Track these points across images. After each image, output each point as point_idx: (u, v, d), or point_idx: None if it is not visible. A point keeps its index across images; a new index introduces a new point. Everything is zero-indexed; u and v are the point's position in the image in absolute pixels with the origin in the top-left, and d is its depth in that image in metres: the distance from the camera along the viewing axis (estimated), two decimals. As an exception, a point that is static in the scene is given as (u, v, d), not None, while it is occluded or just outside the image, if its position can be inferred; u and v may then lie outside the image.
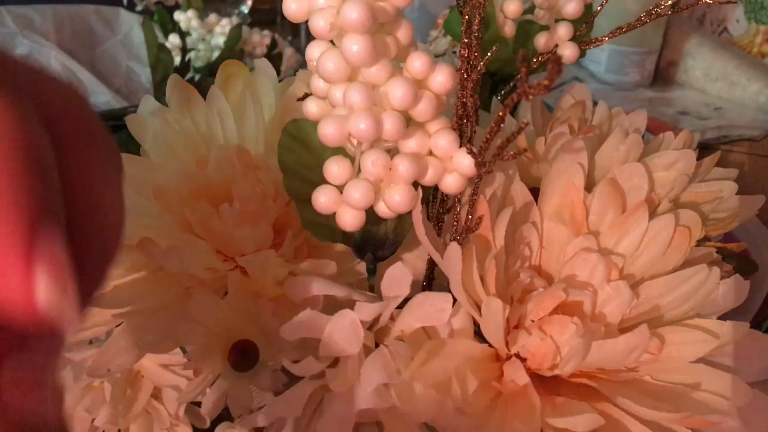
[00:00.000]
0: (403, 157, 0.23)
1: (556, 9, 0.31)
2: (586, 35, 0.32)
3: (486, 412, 0.23)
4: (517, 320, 0.25)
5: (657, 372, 0.25)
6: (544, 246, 0.26)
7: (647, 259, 0.26)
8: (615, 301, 0.25)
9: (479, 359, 0.24)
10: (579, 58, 0.31)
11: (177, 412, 0.31)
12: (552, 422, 0.23)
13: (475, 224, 0.25)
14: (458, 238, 0.25)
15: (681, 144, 0.31)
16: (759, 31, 0.76)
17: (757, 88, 0.71)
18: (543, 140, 0.31)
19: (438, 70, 0.22)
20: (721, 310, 0.26)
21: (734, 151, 0.64)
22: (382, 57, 0.21)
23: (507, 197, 0.27)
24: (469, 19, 0.23)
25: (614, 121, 0.33)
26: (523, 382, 0.23)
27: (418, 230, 0.24)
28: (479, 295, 0.24)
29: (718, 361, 0.25)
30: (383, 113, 0.22)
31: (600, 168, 0.29)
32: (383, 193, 0.23)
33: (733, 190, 0.31)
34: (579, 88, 0.35)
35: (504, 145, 0.21)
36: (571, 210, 0.26)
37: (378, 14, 0.21)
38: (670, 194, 0.28)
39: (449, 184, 0.24)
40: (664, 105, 0.73)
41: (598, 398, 0.24)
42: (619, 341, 0.23)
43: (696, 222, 0.26)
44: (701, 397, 0.24)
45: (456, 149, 0.23)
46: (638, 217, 0.26)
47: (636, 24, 0.29)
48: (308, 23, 0.21)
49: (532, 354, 0.24)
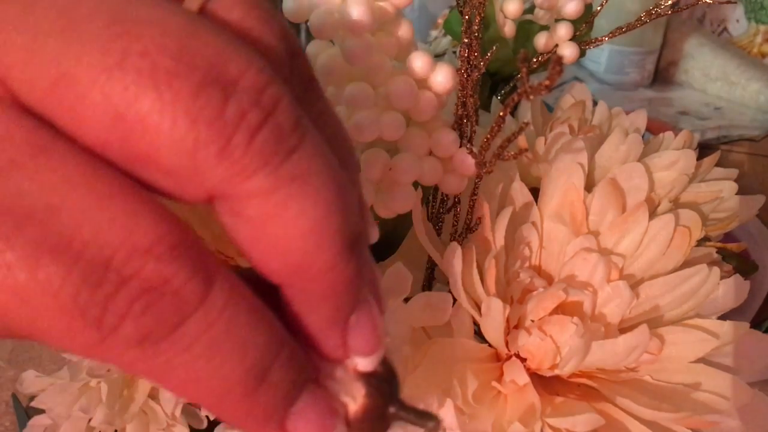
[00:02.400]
0: (403, 157, 0.23)
1: (556, 9, 0.31)
2: (586, 35, 0.32)
3: (486, 412, 0.23)
4: (517, 320, 0.25)
5: (657, 372, 0.25)
6: (544, 246, 0.26)
7: (647, 259, 0.26)
8: (615, 301, 0.25)
9: (479, 359, 0.24)
10: (579, 58, 0.31)
11: (174, 413, 0.31)
12: (552, 422, 0.23)
13: (475, 224, 0.25)
14: (458, 238, 0.25)
15: (681, 144, 0.31)
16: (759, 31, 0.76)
17: (757, 88, 0.71)
18: (543, 140, 0.30)
19: (438, 70, 0.22)
20: (721, 310, 0.26)
21: (734, 151, 0.64)
22: (382, 57, 0.21)
23: (507, 197, 0.27)
24: (469, 19, 0.23)
25: (614, 121, 0.33)
26: (523, 382, 0.23)
27: (418, 230, 0.24)
28: (479, 295, 0.24)
29: (718, 361, 0.25)
30: (383, 113, 0.22)
31: (600, 168, 0.29)
32: (383, 193, 0.23)
33: (733, 190, 0.31)
34: (579, 88, 0.35)
35: (504, 145, 0.21)
36: (571, 210, 0.26)
37: (378, 14, 0.21)
38: (670, 194, 0.28)
39: (449, 184, 0.24)
40: (664, 105, 0.73)
41: (598, 398, 0.24)
42: (619, 341, 0.23)
43: (696, 222, 0.26)
44: (701, 397, 0.24)
45: (456, 149, 0.23)
46: (638, 217, 0.26)
47: (636, 24, 0.29)
48: (308, 23, 0.21)
49: (532, 354, 0.24)
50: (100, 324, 0.11)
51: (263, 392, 0.12)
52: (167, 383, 0.12)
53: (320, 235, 0.12)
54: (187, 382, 0.12)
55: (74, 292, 0.10)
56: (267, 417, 0.12)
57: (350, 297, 0.13)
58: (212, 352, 0.11)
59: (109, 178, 0.11)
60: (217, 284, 0.11)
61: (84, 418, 0.30)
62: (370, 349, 0.14)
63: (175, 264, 0.11)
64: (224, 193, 0.11)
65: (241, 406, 0.12)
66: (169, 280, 0.11)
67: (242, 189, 0.11)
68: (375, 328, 0.14)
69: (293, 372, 0.13)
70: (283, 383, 0.12)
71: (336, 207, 0.12)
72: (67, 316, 0.10)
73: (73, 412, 0.30)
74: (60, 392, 0.31)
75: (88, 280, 0.10)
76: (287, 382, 0.13)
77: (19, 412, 0.38)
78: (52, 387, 0.31)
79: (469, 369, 0.23)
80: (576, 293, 0.24)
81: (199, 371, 0.11)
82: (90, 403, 0.30)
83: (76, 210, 0.10)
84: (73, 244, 0.10)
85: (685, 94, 0.76)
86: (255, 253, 0.12)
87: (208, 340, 0.11)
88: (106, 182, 0.11)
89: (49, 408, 0.31)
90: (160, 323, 0.11)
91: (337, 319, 0.13)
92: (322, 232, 0.12)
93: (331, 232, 0.12)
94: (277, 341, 0.12)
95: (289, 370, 0.13)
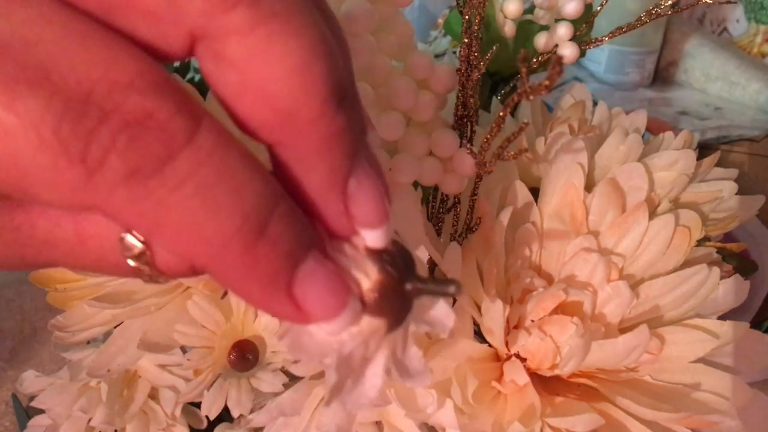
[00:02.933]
0: (403, 157, 0.23)
1: (556, 9, 0.31)
2: (586, 35, 0.32)
3: (486, 412, 0.23)
4: (517, 320, 0.25)
5: (657, 372, 0.25)
6: (544, 246, 0.26)
7: (647, 259, 0.26)
8: (615, 301, 0.25)
9: (479, 359, 0.24)
10: (579, 58, 0.31)
11: (173, 413, 0.31)
12: (552, 422, 0.23)
13: (475, 224, 0.25)
14: (458, 238, 0.25)
15: (681, 144, 0.31)
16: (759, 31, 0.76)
17: (757, 88, 0.71)
18: (543, 140, 0.30)
19: (438, 70, 0.22)
20: (721, 310, 0.26)
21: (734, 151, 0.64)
22: (382, 57, 0.21)
23: (507, 197, 0.27)
24: (469, 19, 0.23)
25: (614, 121, 0.33)
26: (523, 382, 0.23)
27: (418, 230, 0.24)
28: (479, 295, 0.24)
29: (718, 361, 0.25)
30: (383, 113, 0.22)
31: (600, 168, 0.29)
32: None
33: (733, 190, 0.31)
34: (579, 88, 0.35)
35: (504, 145, 0.21)
36: (571, 210, 0.26)
37: (378, 14, 0.21)
38: (670, 194, 0.28)
39: (449, 184, 0.24)
40: (664, 105, 0.73)
41: (598, 398, 0.24)
42: (619, 341, 0.23)
43: (696, 222, 0.26)
44: (701, 397, 0.24)
45: (456, 149, 0.23)
46: (638, 217, 0.26)
47: (636, 24, 0.29)
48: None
49: (532, 354, 0.24)
50: (85, 159, 0.10)
51: (263, 247, 0.12)
52: (162, 231, 0.11)
53: (305, 76, 0.11)
54: (181, 229, 0.11)
55: (55, 124, 0.10)
56: (271, 278, 0.12)
57: (344, 154, 0.12)
58: (205, 193, 0.11)
59: (85, 20, 0.11)
60: (204, 125, 0.11)
61: (84, 418, 0.30)
62: (375, 218, 0.13)
63: (158, 99, 0.11)
64: (205, 32, 0.11)
65: (242, 263, 0.12)
66: (154, 114, 0.11)
67: (222, 24, 0.11)
68: (377, 196, 0.13)
69: (294, 229, 0.12)
70: (284, 239, 0.12)
71: (321, 51, 0.11)
72: (50, 152, 0.10)
73: (73, 412, 0.30)
74: (60, 392, 0.31)
75: (68, 112, 0.10)
76: (289, 239, 0.12)
77: (19, 412, 0.38)
78: (52, 387, 0.31)
79: (469, 369, 0.23)
80: (576, 293, 0.24)
81: (192, 215, 0.11)
82: (90, 403, 0.30)
83: (53, 45, 0.10)
84: (51, 76, 0.10)
85: (685, 94, 0.76)
86: (241, 104, 0.12)
87: (200, 180, 0.11)
88: (83, 22, 0.10)
89: (49, 408, 0.31)
90: (147, 157, 0.11)
91: (333, 180, 0.13)
92: (306, 74, 0.11)
93: (316, 75, 0.11)
94: (274, 192, 0.12)
95: (289, 226, 0.12)
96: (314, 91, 0.11)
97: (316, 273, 0.13)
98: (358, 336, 0.14)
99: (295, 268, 0.12)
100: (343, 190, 0.13)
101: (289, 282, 0.12)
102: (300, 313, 0.13)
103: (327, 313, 0.13)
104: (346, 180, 0.13)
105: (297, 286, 0.12)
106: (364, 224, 0.13)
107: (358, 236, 0.14)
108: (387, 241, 0.14)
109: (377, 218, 0.13)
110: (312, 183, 0.13)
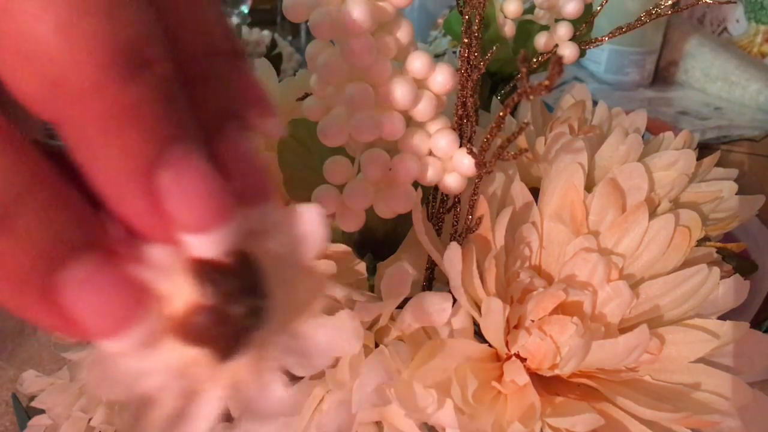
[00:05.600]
0: (403, 157, 0.23)
1: (556, 9, 0.31)
2: (586, 35, 0.32)
3: (486, 412, 0.23)
4: (517, 320, 0.25)
5: (657, 372, 0.25)
6: (544, 246, 0.26)
7: (647, 259, 0.26)
8: (615, 301, 0.25)
9: (479, 359, 0.24)
10: (579, 58, 0.31)
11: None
12: (552, 422, 0.23)
13: (475, 224, 0.25)
14: (458, 238, 0.25)
15: (681, 144, 0.31)
16: (759, 31, 0.76)
17: (757, 88, 0.71)
18: (543, 140, 0.31)
19: (438, 70, 0.22)
20: (721, 310, 0.26)
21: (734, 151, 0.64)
22: (382, 57, 0.21)
23: (507, 197, 0.27)
24: (469, 19, 0.23)
25: (614, 121, 0.33)
26: (523, 382, 0.23)
27: (418, 230, 0.24)
28: (479, 295, 0.24)
29: (718, 361, 0.25)
30: (383, 113, 0.22)
31: (600, 168, 0.29)
32: (383, 193, 0.23)
33: (733, 190, 0.31)
34: (579, 88, 0.35)
35: (504, 145, 0.21)
36: (571, 210, 0.26)
37: (378, 14, 0.21)
38: (670, 194, 0.28)
39: (449, 184, 0.24)
40: (664, 105, 0.73)
41: (598, 398, 0.24)
42: (619, 341, 0.23)
43: (696, 222, 0.26)
44: (701, 397, 0.24)
45: (456, 149, 0.23)
46: (638, 217, 0.26)
47: (636, 24, 0.29)
48: (308, 23, 0.21)
49: (532, 354, 0.24)
50: None
51: (4, 242, 0.10)
52: None
53: (70, 36, 0.09)
54: None
55: None
56: (21, 279, 0.10)
57: (144, 137, 0.10)
58: None
59: None
60: None
61: (84, 418, 0.30)
62: (195, 219, 0.11)
63: None
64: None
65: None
66: None
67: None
68: (205, 192, 0.11)
69: (55, 224, 0.10)
70: (35, 236, 0.10)
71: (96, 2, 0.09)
72: None
73: (73, 412, 0.30)
74: (60, 392, 0.31)
75: None
76: (43, 237, 0.10)
77: (19, 412, 0.38)
78: (52, 387, 0.31)
79: (469, 369, 0.23)
80: (576, 293, 0.24)
81: None
82: (90, 403, 0.30)
83: None
84: None
85: (685, 94, 0.76)
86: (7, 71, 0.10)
87: None
88: None
89: (49, 408, 0.31)
90: None
91: (128, 169, 0.10)
92: (72, 32, 0.09)
93: (88, 34, 0.09)
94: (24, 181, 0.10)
95: (45, 222, 0.10)
96: (85, 52, 0.09)
97: (94, 280, 0.11)
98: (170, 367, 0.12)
99: (54, 271, 0.10)
100: (145, 181, 0.11)
101: (45, 286, 0.10)
102: (68, 324, 0.11)
103: (105, 328, 0.11)
104: (151, 170, 0.10)
105: (63, 292, 0.10)
106: (182, 226, 0.11)
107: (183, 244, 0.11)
108: (218, 251, 0.11)
109: (199, 220, 0.11)
110: (100, 172, 0.11)
